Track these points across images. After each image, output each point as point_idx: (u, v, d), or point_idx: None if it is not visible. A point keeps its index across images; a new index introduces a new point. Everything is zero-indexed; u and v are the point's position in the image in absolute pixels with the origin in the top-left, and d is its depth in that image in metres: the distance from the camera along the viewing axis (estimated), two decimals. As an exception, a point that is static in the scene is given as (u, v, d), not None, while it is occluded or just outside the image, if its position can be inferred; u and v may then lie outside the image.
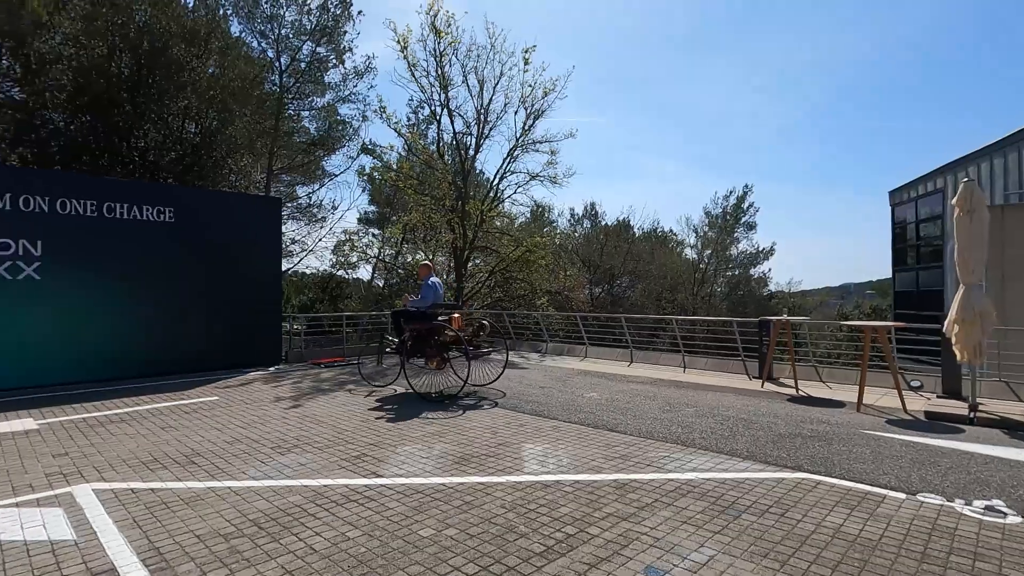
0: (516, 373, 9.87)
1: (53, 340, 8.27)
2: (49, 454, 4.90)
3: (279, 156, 20.59)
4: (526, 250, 18.53)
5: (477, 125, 19.00)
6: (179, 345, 9.44)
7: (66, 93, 15.26)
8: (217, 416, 6.37)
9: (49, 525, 3.40)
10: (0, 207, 7.88)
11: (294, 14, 19.65)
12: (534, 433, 5.63)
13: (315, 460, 4.70)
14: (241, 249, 10.27)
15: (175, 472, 4.40)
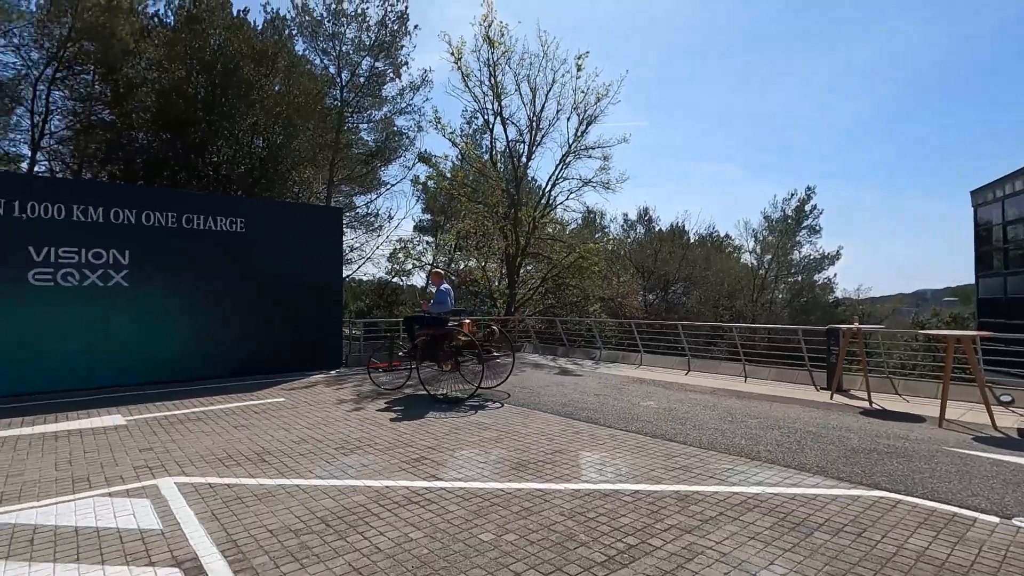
0: (570, 380, 9.81)
1: (138, 343, 8.90)
2: (136, 448, 5.27)
3: (339, 167, 21.44)
4: (579, 256, 18.42)
5: (530, 132, 19.13)
6: (248, 349, 9.95)
7: (150, 114, 16.48)
8: (284, 417, 6.67)
9: (138, 515, 3.66)
10: (94, 219, 8.58)
11: (354, 31, 20.49)
12: (590, 441, 5.58)
13: (377, 461, 4.84)
14: (305, 257, 10.72)
15: (248, 469, 4.63)
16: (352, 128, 22.00)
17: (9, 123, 21.45)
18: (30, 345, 8.04)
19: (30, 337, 8.03)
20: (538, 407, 7.31)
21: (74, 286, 8.39)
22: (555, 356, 13.58)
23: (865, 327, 8.81)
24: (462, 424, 6.29)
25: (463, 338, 8.04)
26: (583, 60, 18.58)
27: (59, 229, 8.29)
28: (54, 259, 8.26)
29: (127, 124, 17.36)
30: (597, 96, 18.84)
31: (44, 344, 8.14)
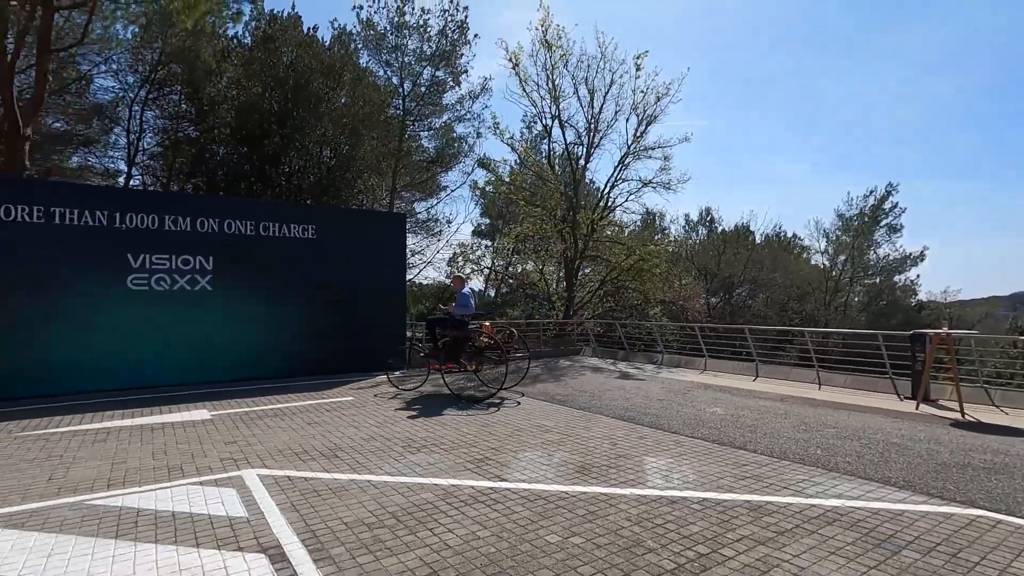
0: (631, 384, 9.65)
1: (220, 343, 9.52)
2: (221, 441, 5.64)
3: (401, 174, 22.11)
4: (639, 259, 18.10)
5: (588, 135, 19.04)
6: (318, 349, 10.42)
7: (229, 129, 17.62)
8: (353, 415, 6.94)
9: (226, 503, 3.92)
10: (183, 228, 9.27)
11: (416, 43, 21.10)
12: (655, 446, 5.47)
13: (442, 460, 4.95)
14: (371, 261, 11.13)
15: (322, 464, 4.86)
16: (413, 136, 22.66)
17: (108, 142, 23.55)
18: (129, 344, 8.77)
19: (129, 337, 8.77)
20: (599, 411, 7.25)
21: (166, 290, 9.09)
22: (615, 360, 13.41)
23: (956, 332, 8.16)
24: (524, 426, 6.33)
25: (486, 339, 8.40)
26: (642, 60, 18.34)
27: (152, 238, 9.01)
28: (148, 265, 8.98)
29: (209, 139, 18.66)
30: (657, 95, 18.53)
31: (141, 344, 8.86)
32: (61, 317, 8.28)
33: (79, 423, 6.39)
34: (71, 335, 8.35)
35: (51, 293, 8.22)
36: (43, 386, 8.11)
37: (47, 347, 8.19)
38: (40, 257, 8.17)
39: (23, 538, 3.33)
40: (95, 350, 8.51)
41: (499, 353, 8.59)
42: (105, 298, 8.60)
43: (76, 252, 8.43)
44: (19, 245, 8.05)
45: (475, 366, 8.55)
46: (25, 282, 8.07)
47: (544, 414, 7.04)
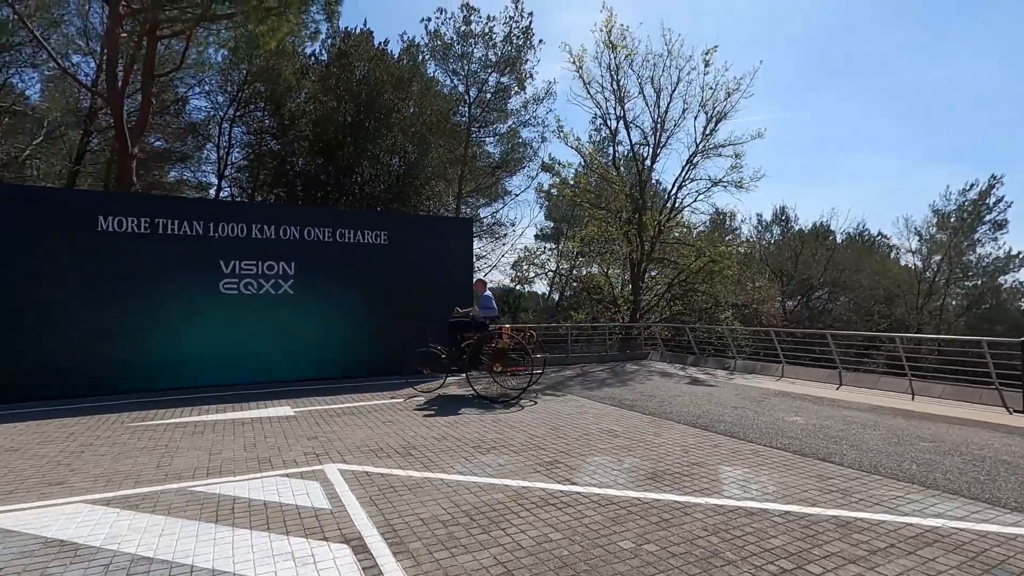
0: (702, 390, 9.35)
1: (302, 344, 10.08)
2: (304, 437, 5.97)
3: (467, 180, 22.56)
4: (709, 260, 17.51)
5: (654, 134, 18.67)
6: (391, 351, 10.79)
7: (307, 141, 18.64)
8: (423, 415, 7.15)
9: (311, 495, 4.15)
10: (268, 236, 9.91)
11: (481, 50, 21.48)
12: (730, 455, 5.28)
13: (512, 462, 5.01)
14: (439, 265, 11.42)
15: (397, 461, 5.04)
16: (479, 142, 23.07)
17: (201, 157, 25.56)
18: (220, 345, 9.47)
19: (221, 338, 9.46)
20: (670, 417, 7.07)
21: (253, 294, 9.74)
22: (684, 365, 13.03)
23: (1076, 340, 7.33)
24: (592, 431, 6.28)
25: (508, 340, 8.55)
26: (711, 55, 17.78)
27: (241, 245, 9.69)
28: (237, 271, 9.66)
29: (290, 151, 19.85)
30: (727, 91, 17.91)
31: (231, 344, 9.55)
32: (162, 319, 9.06)
33: (179, 416, 6.97)
34: (171, 336, 9.12)
35: (154, 297, 9.02)
36: (147, 382, 8.91)
37: (151, 346, 8.99)
38: (146, 264, 8.99)
39: (138, 519, 3.68)
40: (191, 349, 9.25)
41: (521, 355, 8.69)
42: (200, 301, 9.33)
43: (176, 259, 9.21)
44: (128, 253, 8.88)
45: (500, 367, 8.66)
46: (132, 287, 8.90)
47: (612, 419, 6.96)
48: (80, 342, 8.50)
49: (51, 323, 8.35)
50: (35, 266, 8.30)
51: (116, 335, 8.75)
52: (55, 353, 8.34)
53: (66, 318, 8.44)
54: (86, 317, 8.56)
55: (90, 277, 8.64)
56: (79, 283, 8.56)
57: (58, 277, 8.43)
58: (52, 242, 8.42)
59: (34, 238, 8.32)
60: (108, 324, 8.69)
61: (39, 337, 8.28)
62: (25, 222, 8.30)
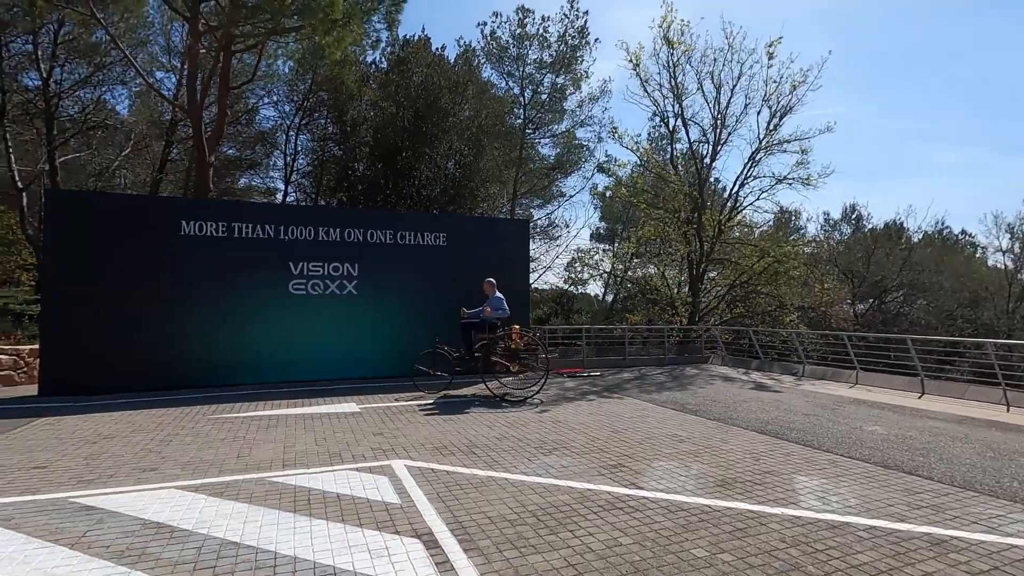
0: (769, 396, 8.98)
1: (365, 343, 10.40)
2: (370, 432, 6.16)
3: (521, 182, 22.64)
4: (773, 260, 16.80)
5: (714, 131, 18.12)
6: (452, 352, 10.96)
7: (368, 147, 19.24)
8: (483, 414, 7.22)
9: (381, 489, 4.27)
10: (333, 239, 10.29)
11: (536, 51, 21.52)
12: (805, 465, 5.04)
13: (575, 464, 4.97)
14: (497, 267, 11.47)
15: (460, 459, 5.11)
16: (534, 143, 23.13)
17: (269, 164, 26.88)
18: (291, 343, 9.91)
19: (291, 337, 9.90)
20: (736, 423, 6.83)
21: (319, 295, 10.15)
22: (747, 369, 12.55)
23: None
24: (656, 435, 6.15)
25: (519, 342, 8.57)
26: (775, 47, 17.11)
27: (308, 248, 10.11)
28: (305, 272, 10.09)
29: (351, 157, 20.56)
30: (792, 84, 17.18)
31: (300, 342, 9.97)
32: (237, 318, 9.58)
33: (253, 410, 7.34)
34: (245, 334, 9.62)
35: (230, 297, 9.54)
36: (223, 377, 9.43)
37: (226, 344, 9.51)
38: (222, 266, 9.53)
39: (224, 506, 3.89)
40: (263, 347, 9.72)
41: (530, 356, 8.78)
42: (272, 301, 9.80)
43: (249, 261, 9.71)
44: (206, 255, 9.44)
45: (516, 367, 8.63)
46: (210, 287, 9.45)
47: (676, 423, 6.79)
48: (162, 339, 9.10)
49: (137, 321, 8.99)
50: (124, 268, 8.96)
51: (195, 333, 9.32)
52: (140, 350, 8.97)
53: (150, 317, 9.06)
54: (168, 316, 9.16)
55: (172, 278, 9.24)
56: (162, 284, 9.17)
57: (144, 278, 9.07)
58: (140, 245, 9.07)
59: (125, 242, 8.99)
60: (187, 323, 9.27)
61: (126, 334, 8.92)
62: (117, 227, 8.99)
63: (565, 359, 13.06)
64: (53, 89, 18.82)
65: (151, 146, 23.51)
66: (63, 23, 17.98)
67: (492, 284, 9.20)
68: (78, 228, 8.81)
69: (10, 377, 9.47)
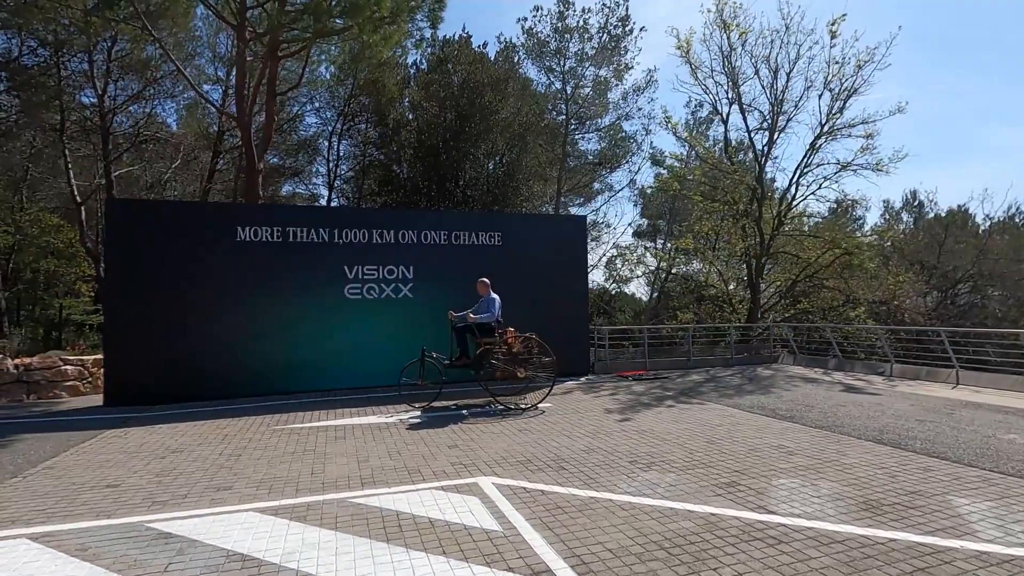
0: (867, 400, 8.18)
1: (421, 347, 10.04)
2: (444, 445, 5.75)
3: (566, 178, 22.08)
4: (843, 252, 15.75)
5: (771, 117, 17.16)
6: (506, 354, 10.53)
7: (412, 148, 19.05)
8: (559, 423, 6.73)
9: (475, 513, 3.83)
10: (388, 241, 10.00)
11: (577, 44, 20.94)
12: (954, 483, 4.35)
13: (681, 481, 4.43)
14: (554, 266, 11.02)
15: (551, 476, 4.63)
16: (578, 138, 22.54)
17: (311, 171, 27.13)
18: (348, 349, 9.64)
19: (348, 342, 9.64)
20: (843, 431, 6.13)
21: (375, 298, 9.86)
22: (825, 369, 11.67)
23: None
24: (759, 446, 5.54)
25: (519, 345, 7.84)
26: (838, 26, 16.07)
27: (363, 250, 9.84)
28: (361, 276, 9.82)
29: (394, 160, 20.44)
30: (857, 64, 16.09)
31: (356, 347, 9.70)
32: (293, 324, 9.36)
33: (318, 420, 7.05)
34: (302, 340, 9.39)
35: (286, 302, 9.33)
36: (281, 385, 9.23)
37: (283, 351, 9.30)
38: (278, 271, 9.33)
39: (309, 533, 3.52)
40: (320, 353, 9.48)
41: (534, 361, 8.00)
42: (328, 306, 9.56)
43: (305, 266, 9.50)
44: (262, 261, 9.27)
45: (523, 373, 7.91)
46: (266, 293, 9.26)
47: (775, 432, 6.14)
48: (221, 348, 8.94)
49: (195, 329, 8.86)
50: (182, 276, 8.85)
51: (252, 340, 9.14)
52: (199, 358, 8.83)
53: (208, 325, 8.92)
54: (225, 323, 9.00)
55: (229, 284, 9.09)
56: (219, 290, 9.03)
57: (202, 286, 8.94)
58: (198, 252, 8.95)
59: (183, 249, 8.88)
60: (244, 329, 9.09)
61: (185, 343, 8.79)
62: (176, 235, 8.89)
63: (626, 361, 12.46)
64: (108, 105, 19.34)
65: (199, 157, 24.02)
66: (116, 41, 18.46)
67: (486, 284, 8.50)
68: (137, 236, 8.75)
69: (76, 387, 9.52)
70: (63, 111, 18.46)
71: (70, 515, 3.89)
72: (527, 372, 8.02)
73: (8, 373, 8.88)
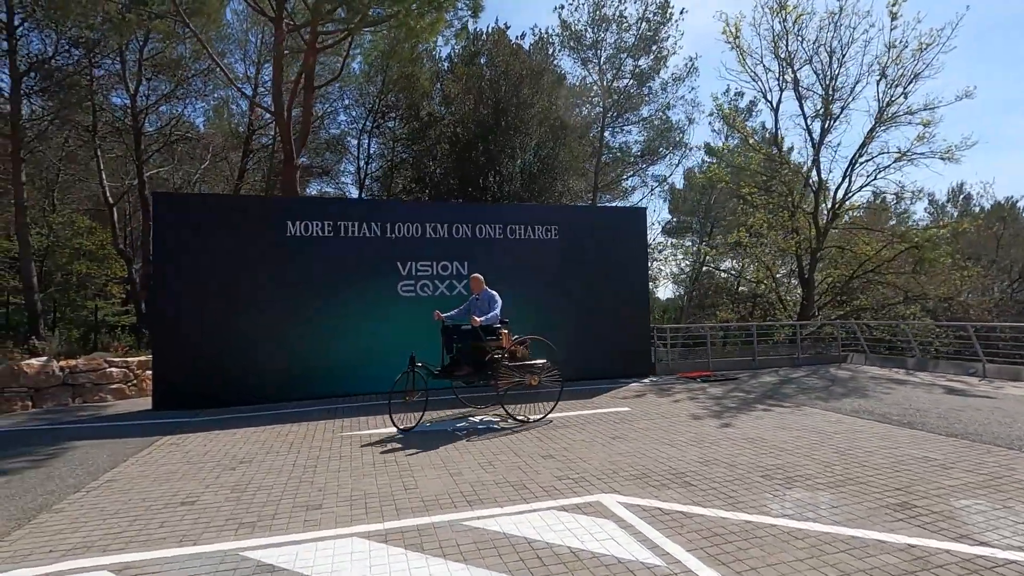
0: (986, 404, 7.41)
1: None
2: (537, 455, 5.17)
3: (603, 172, 21.41)
4: (911, 246, 14.88)
5: (824, 103, 16.33)
6: (568, 352, 9.90)
7: (448, 143, 18.54)
8: (652, 430, 6.11)
9: (618, 540, 3.24)
10: (441, 235, 9.47)
11: (614, 35, 20.27)
12: None
13: (841, 502, 3.79)
14: (612, 260, 10.40)
15: (682, 494, 4.02)
16: (616, 131, 21.84)
17: (339, 170, 26.81)
18: (401, 348, 9.07)
19: (401, 341, 9.07)
20: (982, 439, 5.42)
21: (429, 296, 9.33)
22: (906, 369, 10.86)
23: None
24: (900, 457, 4.87)
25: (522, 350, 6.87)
26: (898, 6, 15.19)
27: (416, 245, 9.32)
28: (414, 272, 9.30)
29: (428, 156, 19.95)
30: (920, 45, 15.18)
31: (410, 347, 9.13)
32: (346, 323, 8.85)
33: (382, 426, 6.53)
34: (355, 339, 8.87)
35: (338, 301, 8.84)
36: (334, 386, 8.73)
37: (336, 351, 8.79)
38: (329, 267, 8.84)
39: (436, 566, 2.96)
40: (374, 353, 8.95)
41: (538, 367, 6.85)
42: (381, 304, 9.05)
43: (357, 262, 9.00)
44: (313, 256, 8.79)
45: (535, 381, 6.74)
46: (318, 290, 8.76)
47: (905, 441, 5.45)
48: (270, 348, 8.46)
49: (243, 329, 8.39)
50: (229, 272, 8.40)
51: (304, 340, 8.65)
52: (247, 360, 8.37)
53: (257, 324, 8.45)
54: (275, 323, 8.53)
55: (278, 282, 8.62)
56: (269, 288, 8.56)
57: (250, 283, 8.49)
58: (246, 249, 8.50)
59: (230, 245, 8.43)
60: (294, 330, 8.61)
61: (233, 344, 8.33)
62: (222, 230, 8.44)
63: (686, 362, 11.79)
64: (140, 105, 19.16)
65: (228, 157, 23.84)
66: (147, 40, 18.25)
67: (480, 280, 7.33)
68: (184, 231, 8.32)
69: (121, 390, 9.14)
70: (95, 112, 18.32)
71: (150, 540, 3.39)
72: (538, 379, 6.81)
73: (54, 376, 8.51)
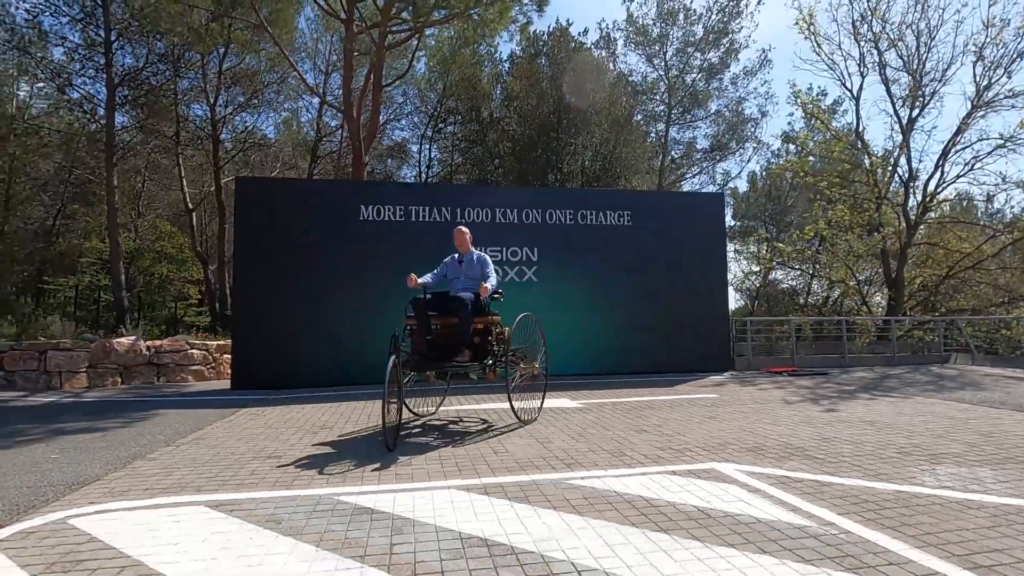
0: None
1: (549, 335, 9.17)
2: (629, 429, 4.80)
3: (669, 170, 20.81)
4: (1021, 237, 13.52)
5: (912, 89, 15.21)
6: (635, 344, 9.45)
7: (511, 142, 18.51)
8: (743, 411, 5.61)
9: (750, 502, 2.84)
10: (511, 220, 9.28)
11: (682, 28, 19.76)
12: None
13: (1011, 477, 3.24)
14: (688, 247, 9.89)
15: (809, 465, 3.56)
16: (683, 128, 21.23)
17: (401, 175, 27.36)
18: (470, 334, 8.93)
19: (470, 327, 8.93)
20: None
21: (499, 281, 9.08)
22: (1020, 368, 9.75)
23: None
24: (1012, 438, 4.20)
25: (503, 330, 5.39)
26: (998, -20, 13.98)
27: (486, 230, 9.13)
28: (484, 257, 9.12)
29: (488, 156, 20.02)
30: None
31: (480, 334, 8.96)
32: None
33: (453, 404, 6.32)
34: (425, 325, 8.77)
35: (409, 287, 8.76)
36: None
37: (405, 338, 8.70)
38: (400, 252, 8.79)
39: (547, 516, 2.67)
40: (443, 339, 8.81)
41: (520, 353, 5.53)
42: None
43: (427, 247, 8.89)
44: (384, 241, 8.77)
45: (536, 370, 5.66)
46: (388, 275, 8.67)
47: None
48: (342, 332, 8.44)
49: (318, 312, 8.43)
50: (307, 256, 8.49)
51: (374, 323, 8.61)
52: (321, 343, 8.38)
53: (330, 307, 8.47)
54: (347, 307, 8.52)
55: (351, 267, 8.64)
56: (342, 272, 8.59)
57: (325, 267, 8.55)
58: (322, 233, 8.58)
59: (308, 230, 8.54)
60: (366, 314, 8.56)
61: (308, 327, 8.36)
62: (301, 214, 8.57)
63: (769, 357, 11.06)
64: (219, 114, 20.21)
65: (297, 164, 24.80)
66: (227, 53, 19.28)
67: (466, 236, 5.53)
68: (265, 216, 8.50)
69: (201, 372, 9.40)
70: (179, 121, 19.47)
71: (243, 484, 3.27)
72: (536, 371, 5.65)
73: (141, 355, 8.85)
